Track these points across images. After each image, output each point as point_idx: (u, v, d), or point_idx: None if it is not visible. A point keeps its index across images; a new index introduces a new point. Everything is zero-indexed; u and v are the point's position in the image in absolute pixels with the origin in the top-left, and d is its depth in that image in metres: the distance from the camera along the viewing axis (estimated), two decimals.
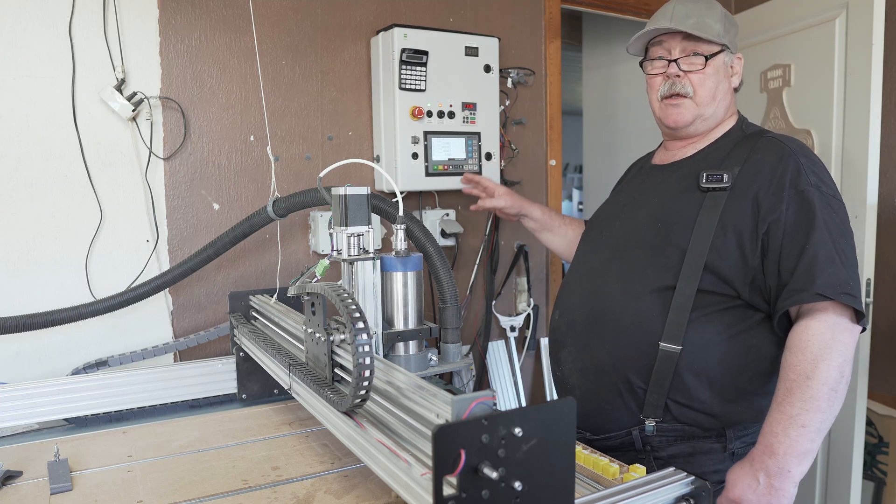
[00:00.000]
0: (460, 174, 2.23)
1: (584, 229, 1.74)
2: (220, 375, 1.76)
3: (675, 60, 1.44)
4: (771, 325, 1.34)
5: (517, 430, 0.78)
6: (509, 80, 2.51)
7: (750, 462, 1.26)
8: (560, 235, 1.85)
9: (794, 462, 1.21)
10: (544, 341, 2.67)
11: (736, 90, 1.52)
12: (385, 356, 1.38)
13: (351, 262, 1.33)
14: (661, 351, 1.33)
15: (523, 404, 2.57)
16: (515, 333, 2.59)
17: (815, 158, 1.37)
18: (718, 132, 1.49)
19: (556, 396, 2.66)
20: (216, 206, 2.03)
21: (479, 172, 2.27)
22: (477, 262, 2.50)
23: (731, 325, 1.34)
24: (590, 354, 1.44)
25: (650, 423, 1.37)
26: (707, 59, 1.43)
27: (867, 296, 2.20)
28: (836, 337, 1.22)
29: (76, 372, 1.79)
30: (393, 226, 1.39)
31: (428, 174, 2.18)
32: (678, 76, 1.44)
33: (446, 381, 2.21)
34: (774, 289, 1.30)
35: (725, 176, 1.35)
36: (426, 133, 2.17)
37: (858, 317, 1.25)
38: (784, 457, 1.21)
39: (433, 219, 2.34)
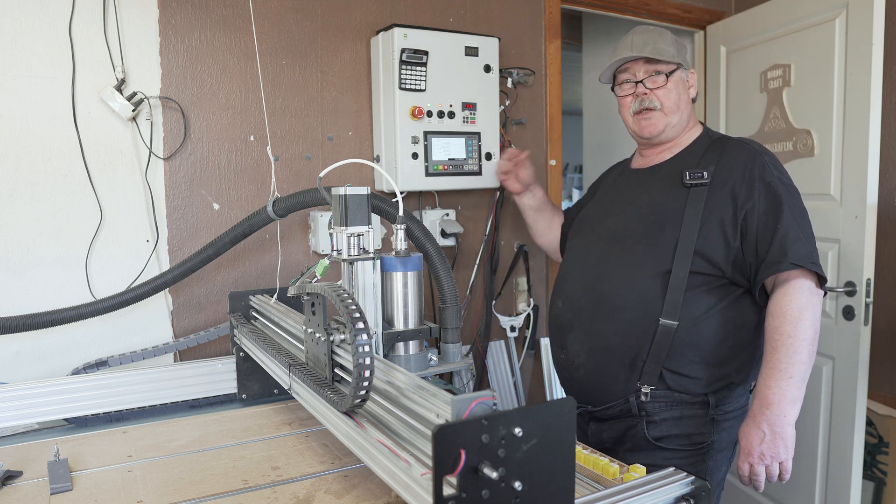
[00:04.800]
0: (460, 174, 2.23)
1: (572, 227, 1.93)
2: (220, 375, 1.77)
3: (641, 81, 1.70)
4: (749, 298, 1.58)
5: (517, 430, 0.78)
6: (509, 80, 2.51)
7: (752, 419, 1.47)
8: (546, 218, 2.14)
9: (788, 407, 1.43)
10: (544, 341, 2.67)
11: (694, 101, 1.77)
12: (385, 356, 1.38)
13: (351, 262, 1.33)
14: (661, 326, 1.55)
15: (523, 404, 2.57)
16: (515, 333, 2.58)
17: (774, 156, 1.63)
18: (688, 139, 1.73)
19: (556, 396, 2.66)
20: (216, 206, 2.03)
21: (479, 173, 2.27)
22: (477, 262, 2.50)
23: (717, 300, 1.56)
24: (597, 335, 1.63)
25: (645, 390, 1.57)
26: (667, 76, 1.69)
27: (867, 296, 2.20)
28: (810, 300, 1.47)
29: (76, 372, 1.79)
30: (393, 226, 1.40)
31: (428, 174, 2.18)
32: (645, 94, 1.70)
33: (446, 381, 2.21)
34: (753, 265, 1.53)
35: (705, 173, 1.59)
36: (426, 133, 2.16)
37: (822, 283, 1.50)
38: (779, 405, 1.43)
39: (433, 219, 2.34)
